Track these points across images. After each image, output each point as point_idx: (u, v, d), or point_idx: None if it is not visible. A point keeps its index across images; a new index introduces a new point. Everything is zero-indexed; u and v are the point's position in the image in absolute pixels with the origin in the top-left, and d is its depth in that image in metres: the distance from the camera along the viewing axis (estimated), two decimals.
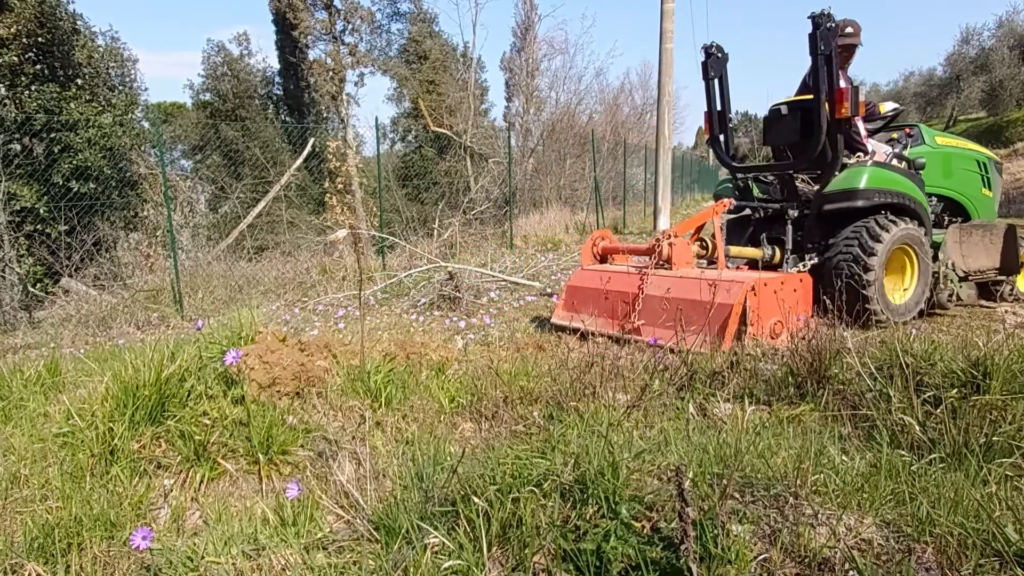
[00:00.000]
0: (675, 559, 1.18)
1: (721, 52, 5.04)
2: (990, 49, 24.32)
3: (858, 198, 4.27)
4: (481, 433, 2.26)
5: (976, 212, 5.15)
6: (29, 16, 10.00)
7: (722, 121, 5.16)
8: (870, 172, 4.31)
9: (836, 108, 4.19)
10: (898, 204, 4.36)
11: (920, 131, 5.03)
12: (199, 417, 2.09)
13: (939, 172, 4.94)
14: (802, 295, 3.95)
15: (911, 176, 4.54)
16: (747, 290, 3.55)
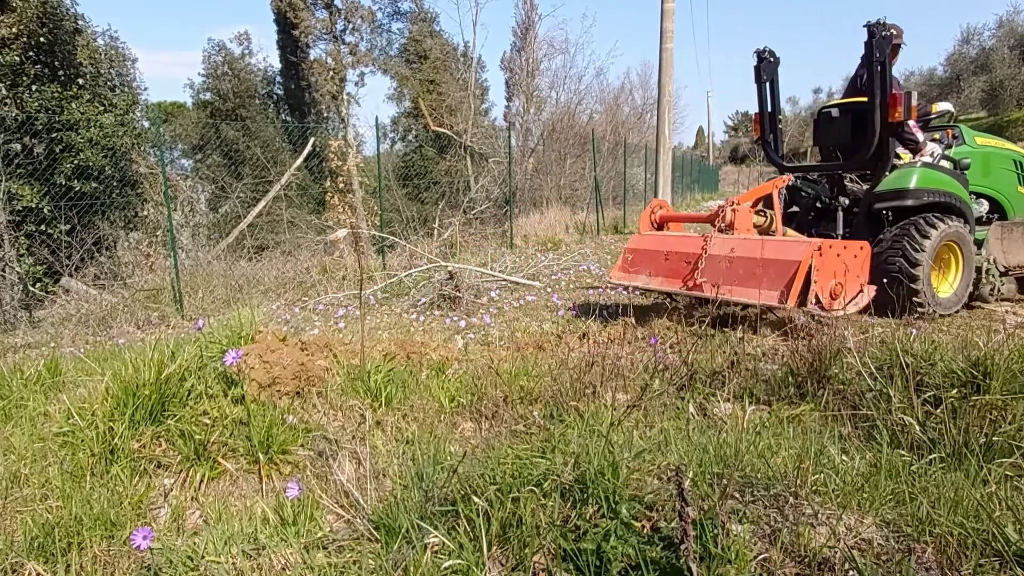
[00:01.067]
0: (675, 559, 1.18)
1: (773, 56, 5.24)
2: (990, 49, 24.29)
3: (908, 197, 4.48)
4: (481, 433, 2.26)
5: (1012, 209, 5.31)
6: (31, 16, 10.00)
7: (772, 122, 5.38)
8: (920, 173, 4.51)
9: (890, 112, 4.37)
10: (945, 203, 4.53)
11: (962, 131, 5.22)
12: (199, 416, 2.09)
13: (979, 171, 5.11)
14: (861, 262, 4.07)
15: (957, 176, 4.72)
16: (814, 249, 3.73)
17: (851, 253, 4.00)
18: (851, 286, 3.96)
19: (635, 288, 4.68)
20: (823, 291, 3.75)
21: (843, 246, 3.96)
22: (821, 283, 3.75)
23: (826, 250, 3.79)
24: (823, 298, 3.74)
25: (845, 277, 3.91)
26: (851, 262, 4.00)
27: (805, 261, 3.67)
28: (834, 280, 3.83)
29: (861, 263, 4.08)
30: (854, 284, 4.01)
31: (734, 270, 3.95)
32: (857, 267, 4.03)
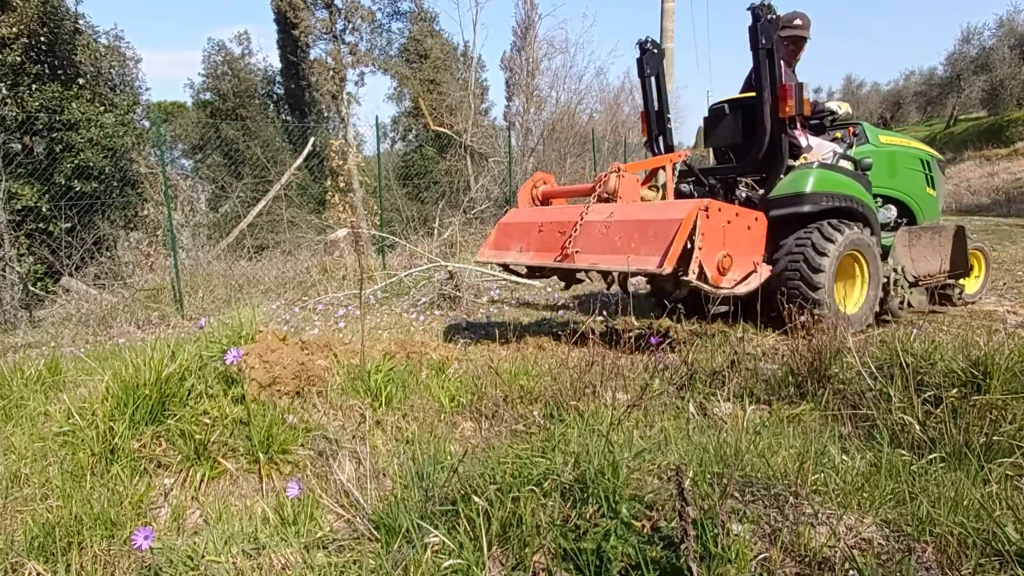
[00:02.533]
0: (675, 558, 1.18)
1: (657, 48, 4.79)
2: (991, 48, 24.29)
3: (805, 203, 4.00)
4: (481, 432, 2.26)
5: (921, 212, 4.95)
6: (31, 16, 10.00)
7: (660, 122, 4.87)
8: (816, 175, 4.07)
9: (779, 106, 3.94)
10: (846, 208, 4.12)
11: (864, 129, 4.81)
12: (199, 416, 2.09)
13: (884, 172, 4.73)
14: (755, 236, 3.60)
15: (858, 178, 4.32)
16: (700, 208, 3.19)
17: (743, 223, 3.51)
18: (742, 262, 3.45)
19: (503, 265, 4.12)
20: (709, 262, 3.21)
21: (735, 212, 3.45)
22: (707, 251, 3.20)
23: (714, 213, 3.28)
24: (708, 270, 3.21)
25: (735, 250, 3.40)
26: (743, 234, 3.49)
27: (688, 220, 3.13)
28: (723, 251, 3.30)
29: (755, 237, 3.59)
30: (745, 260, 3.49)
31: (610, 237, 3.41)
32: (749, 240, 3.53)
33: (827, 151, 4.36)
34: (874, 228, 4.29)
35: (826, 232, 3.89)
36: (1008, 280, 6.09)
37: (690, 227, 3.14)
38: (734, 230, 3.42)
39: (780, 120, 3.99)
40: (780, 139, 4.04)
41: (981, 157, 21.67)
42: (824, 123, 4.69)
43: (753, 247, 3.57)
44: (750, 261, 3.53)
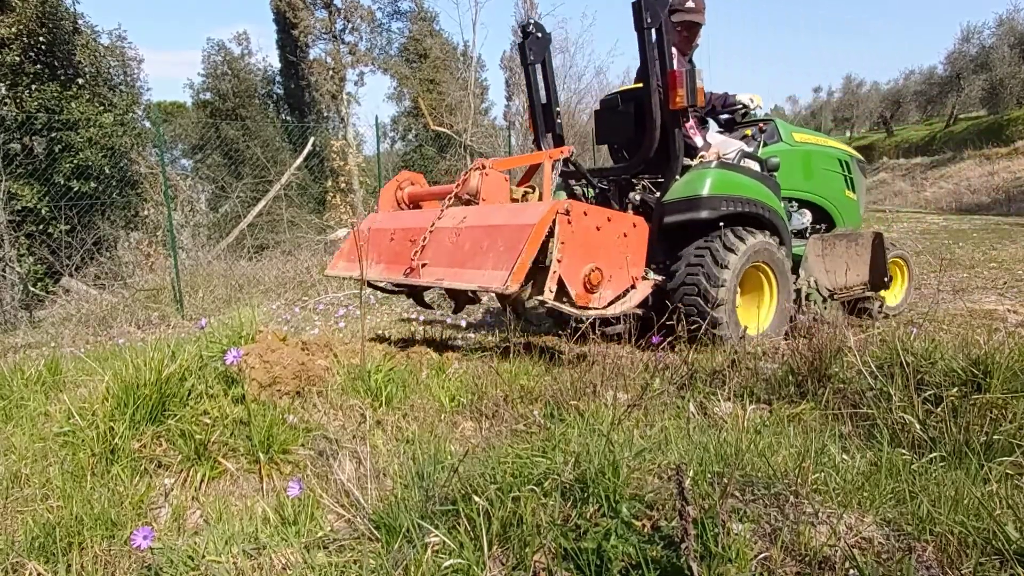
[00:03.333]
0: (676, 558, 1.18)
1: (542, 32, 4.18)
2: (991, 48, 24.28)
3: (702, 208, 3.49)
4: (482, 432, 2.26)
5: (840, 217, 4.55)
6: (30, 16, 10.00)
7: (547, 116, 4.26)
8: (715, 176, 3.57)
9: (669, 96, 3.43)
10: (751, 213, 3.65)
11: (776, 126, 4.37)
12: (200, 416, 2.09)
13: (799, 173, 4.31)
14: (633, 244, 3.08)
15: (764, 179, 3.86)
16: (559, 211, 2.66)
17: (617, 229, 2.98)
18: (616, 276, 2.92)
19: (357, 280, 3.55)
20: (572, 277, 2.70)
21: (605, 217, 2.94)
22: (569, 264, 2.69)
23: (578, 217, 2.74)
24: (572, 287, 2.70)
25: (608, 262, 2.87)
26: (617, 243, 2.96)
27: (541, 226, 2.60)
28: (590, 264, 2.76)
29: (633, 246, 3.07)
30: (621, 274, 2.95)
31: (460, 246, 2.86)
32: (626, 251, 3.00)
33: (730, 149, 3.92)
34: (783, 236, 3.85)
35: (727, 242, 3.46)
36: (1008, 279, 6.09)
37: (543, 234, 2.62)
38: (605, 238, 2.89)
39: (673, 113, 3.50)
40: (673, 134, 3.57)
41: (981, 156, 21.66)
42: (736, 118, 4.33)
43: (631, 259, 3.03)
44: (627, 275, 3.00)
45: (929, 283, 6.19)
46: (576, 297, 2.75)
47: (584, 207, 2.90)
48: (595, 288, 2.81)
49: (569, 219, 2.72)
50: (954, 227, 13.02)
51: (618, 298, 2.97)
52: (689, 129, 3.77)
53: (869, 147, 29.53)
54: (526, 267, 2.56)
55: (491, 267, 2.65)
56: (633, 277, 3.05)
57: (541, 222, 2.64)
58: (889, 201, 22.05)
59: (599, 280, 2.83)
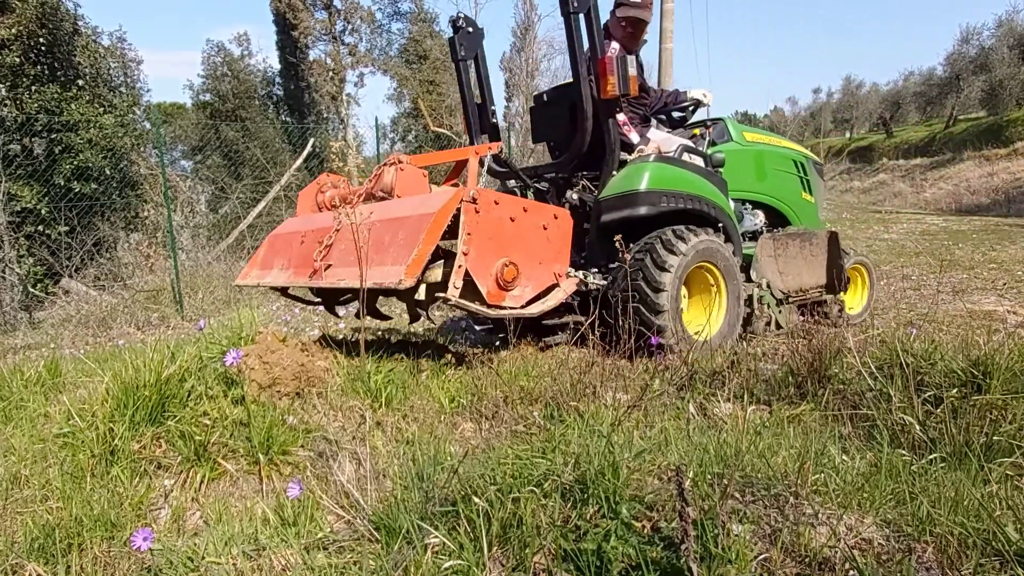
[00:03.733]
0: (675, 559, 1.18)
1: (473, 27, 3.93)
2: (990, 49, 24.31)
3: (639, 204, 3.28)
4: (481, 433, 2.26)
5: (797, 220, 4.40)
6: (30, 17, 10.01)
7: (482, 115, 4.04)
8: (653, 170, 3.33)
9: (600, 84, 3.22)
10: (695, 211, 3.45)
11: (725, 125, 4.22)
12: (199, 417, 2.09)
13: (752, 174, 4.14)
14: (556, 238, 2.80)
15: (708, 175, 3.65)
16: (464, 199, 2.43)
17: (535, 221, 2.70)
18: (535, 273, 2.67)
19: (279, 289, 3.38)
20: (481, 272, 2.46)
21: (522, 207, 2.68)
22: (477, 258, 2.45)
23: (487, 206, 2.50)
24: (482, 284, 2.47)
25: (525, 257, 2.63)
26: (536, 236, 2.69)
27: (443, 215, 2.36)
28: (503, 259, 2.52)
29: (555, 240, 2.79)
30: (541, 271, 2.71)
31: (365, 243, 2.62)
32: (547, 245, 2.74)
33: (672, 146, 3.69)
34: (731, 235, 3.63)
35: (668, 241, 3.22)
36: (1008, 280, 6.09)
37: (444, 223, 2.38)
38: (521, 231, 2.63)
39: (606, 103, 3.28)
40: (607, 126, 3.36)
41: (980, 157, 21.69)
42: (688, 116, 4.16)
43: (552, 253, 2.77)
44: (548, 272, 2.74)
45: (929, 284, 6.19)
46: (487, 295, 2.49)
47: (496, 195, 2.64)
48: (509, 285, 2.54)
49: (477, 208, 2.46)
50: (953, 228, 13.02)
51: (538, 297, 2.70)
52: (624, 125, 3.57)
53: (869, 148, 29.56)
54: (423, 260, 2.31)
55: (389, 263, 2.42)
56: (556, 274, 2.78)
57: (442, 210, 2.38)
58: (889, 202, 22.06)
59: (514, 276, 2.55)
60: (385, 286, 2.37)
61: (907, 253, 9.33)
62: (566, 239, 2.90)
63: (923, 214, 17.71)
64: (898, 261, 8.37)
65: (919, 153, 25.63)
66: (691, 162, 3.66)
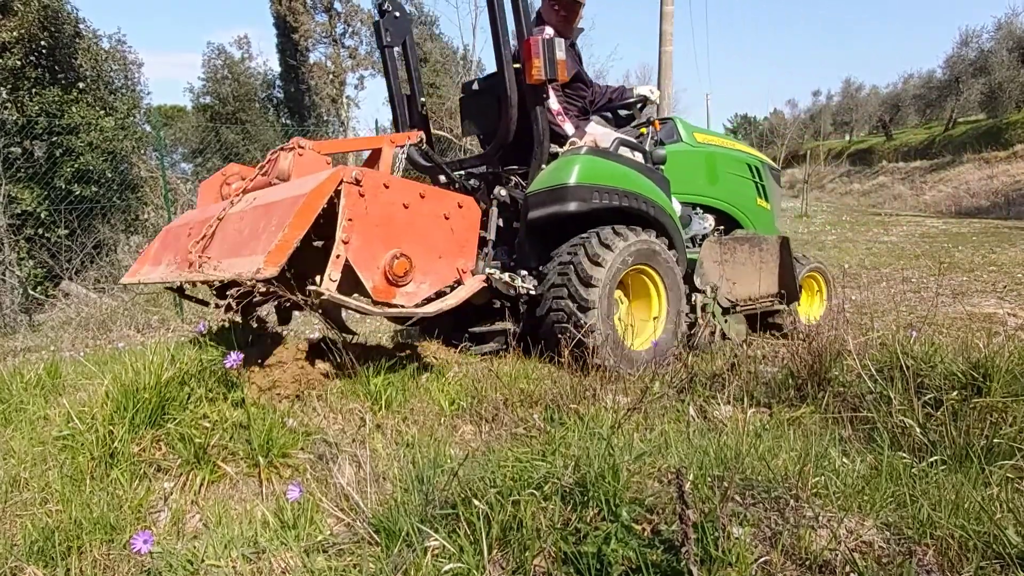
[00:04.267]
0: (676, 562, 1.18)
1: (400, 11, 3.65)
2: (989, 51, 24.35)
3: (568, 199, 3.02)
4: (481, 435, 2.26)
5: (752, 226, 4.21)
6: (32, 20, 10.02)
7: (411, 108, 3.73)
8: (584, 163, 3.08)
9: (525, 68, 2.97)
10: (633, 210, 3.20)
11: (675, 125, 4.01)
12: (199, 420, 2.09)
13: (703, 176, 3.95)
14: (460, 230, 2.51)
15: (648, 172, 3.41)
16: (345, 179, 2.16)
17: (435, 209, 2.42)
18: (435, 267, 2.41)
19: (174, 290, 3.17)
20: (365, 264, 2.19)
21: (418, 192, 2.38)
22: (361, 248, 2.18)
23: (374, 189, 2.22)
24: (366, 277, 2.20)
25: (421, 249, 2.36)
26: (436, 227, 2.42)
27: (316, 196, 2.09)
28: (394, 250, 2.25)
29: (459, 231, 2.50)
30: (441, 265, 2.44)
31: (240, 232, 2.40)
32: (449, 237, 2.46)
33: (609, 140, 3.42)
34: (673, 238, 3.40)
35: (605, 238, 3.01)
36: (1008, 282, 6.10)
37: (317, 207, 2.10)
38: (417, 219, 2.35)
39: (533, 90, 3.03)
40: (535, 115, 3.09)
41: (980, 160, 21.71)
42: (635, 114, 3.90)
43: (456, 247, 2.50)
44: (450, 267, 2.47)
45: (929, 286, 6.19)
46: (374, 291, 2.23)
47: (388, 178, 2.37)
48: (401, 280, 2.28)
49: (361, 190, 2.18)
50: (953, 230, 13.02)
51: (440, 295, 2.46)
52: (557, 115, 3.34)
53: (868, 151, 29.58)
54: (288, 248, 2.01)
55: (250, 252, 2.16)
56: (459, 270, 2.49)
57: (315, 191, 2.10)
58: (888, 204, 22.07)
59: (406, 270, 2.28)
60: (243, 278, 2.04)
61: (907, 256, 9.33)
62: (472, 231, 2.58)
63: (923, 216, 17.72)
64: (898, 264, 8.37)
65: (919, 156, 25.66)
66: (628, 157, 3.42)
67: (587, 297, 2.90)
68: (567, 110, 3.52)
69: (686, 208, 3.89)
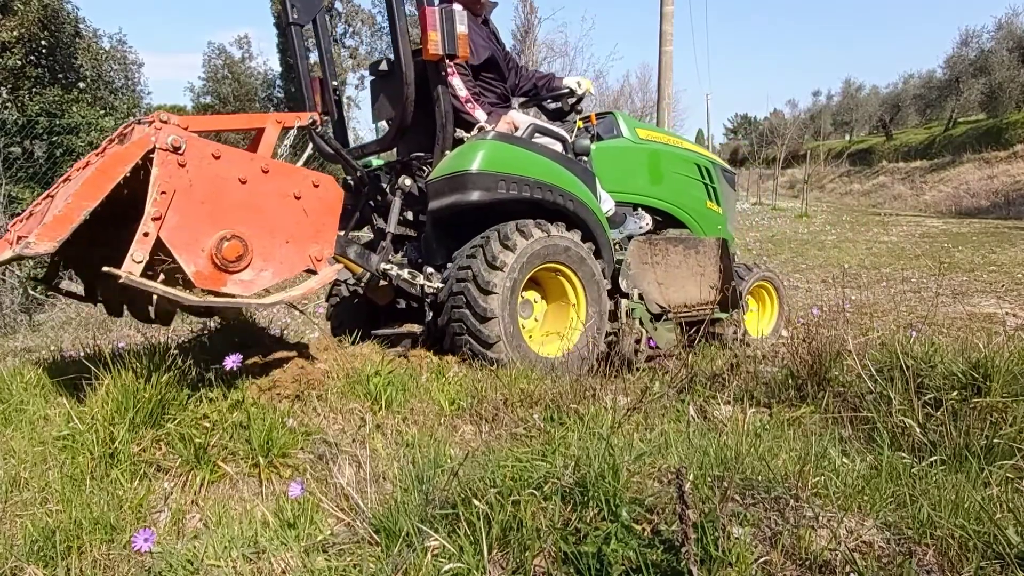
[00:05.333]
0: (676, 562, 1.18)
1: None
2: (989, 51, 24.35)
3: (470, 187, 2.75)
4: (481, 435, 2.26)
5: (701, 231, 3.96)
6: (32, 19, 10.03)
7: (324, 92, 3.41)
8: (489, 148, 2.82)
9: (422, 42, 2.72)
10: (546, 202, 2.94)
11: (615, 119, 3.74)
12: (199, 420, 2.09)
13: (643, 174, 3.69)
14: (315, 212, 2.22)
15: (567, 163, 3.12)
16: (159, 147, 1.89)
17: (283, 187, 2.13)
18: (279, 254, 2.12)
19: None
20: (185, 244, 1.92)
21: (260, 167, 2.08)
22: (180, 225, 1.91)
23: (198, 158, 1.96)
24: (186, 260, 1.92)
25: (261, 230, 2.07)
26: (281, 207, 2.12)
27: (114, 163, 1.84)
28: (223, 231, 1.98)
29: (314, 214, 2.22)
30: (289, 252, 2.15)
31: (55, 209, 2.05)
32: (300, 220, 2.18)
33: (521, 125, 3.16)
34: (597, 236, 3.13)
35: (505, 238, 2.73)
36: (1008, 282, 6.10)
37: (114, 175, 1.83)
38: (258, 198, 2.07)
39: (434, 68, 2.80)
40: (436, 95, 2.84)
41: (980, 160, 21.72)
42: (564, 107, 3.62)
43: (309, 231, 2.21)
44: (300, 253, 2.18)
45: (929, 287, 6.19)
46: (196, 276, 1.94)
47: (216, 147, 2.03)
48: (233, 266, 1.99)
49: (181, 160, 1.90)
50: (953, 230, 13.03)
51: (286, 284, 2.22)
52: (466, 103, 3.05)
53: (868, 151, 29.59)
54: (68, 221, 1.74)
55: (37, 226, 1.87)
56: (312, 257, 2.20)
57: (113, 157, 1.83)
58: (888, 204, 22.07)
59: (239, 254, 1.99)
60: (21, 254, 1.80)
61: (907, 256, 9.33)
62: (330, 214, 2.28)
63: (923, 216, 17.72)
64: (898, 264, 8.38)
65: (919, 156, 25.67)
66: (544, 146, 3.12)
67: (486, 306, 2.66)
68: (479, 96, 3.22)
69: (625, 207, 3.65)
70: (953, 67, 26.15)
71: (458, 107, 3.02)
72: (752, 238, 12.60)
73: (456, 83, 3.00)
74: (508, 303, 2.70)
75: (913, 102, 30.43)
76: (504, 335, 2.69)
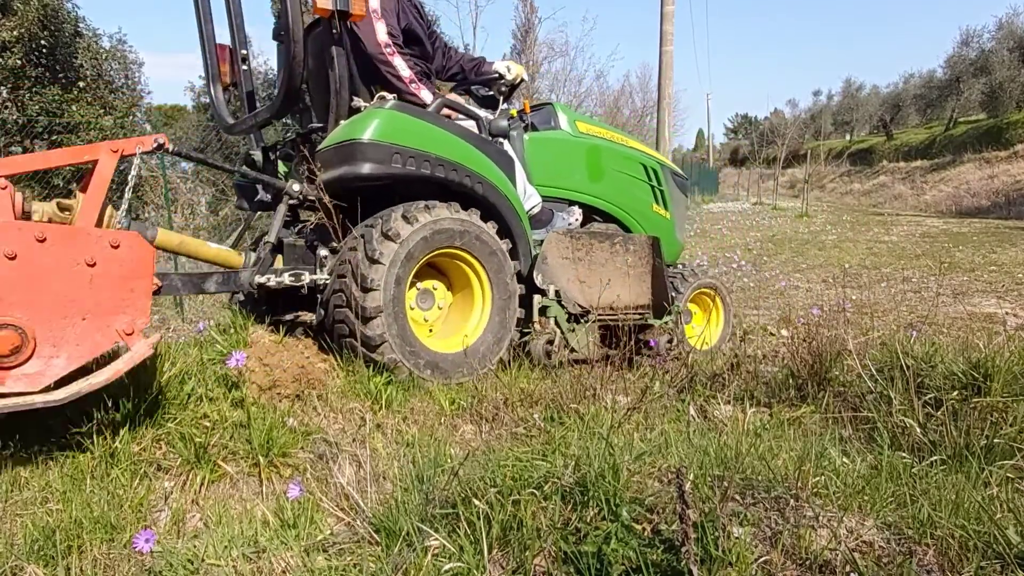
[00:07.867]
0: (676, 561, 1.18)
1: None
2: (990, 51, 24.34)
3: (360, 159, 2.48)
4: (482, 435, 2.26)
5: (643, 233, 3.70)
6: (32, 19, 10.03)
7: (232, 64, 3.11)
8: (384, 117, 2.56)
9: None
10: (451, 182, 2.69)
11: (554, 110, 3.51)
12: (200, 420, 2.09)
13: (580, 170, 3.44)
14: (116, 279, 1.82)
15: (480, 143, 2.87)
16: None
17: (68, 256, 1.74)
18: (74, 336, 1.76)
19: None
20: None
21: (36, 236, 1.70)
22: None
23: None
24: None
25: (44, 315, 1.72)
26: (69, 280, 1.74)
27: None
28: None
29: (115, 281, 1.81)
30: (86, 331, 1.78)
31: None
32: (98, 289, 1.79)
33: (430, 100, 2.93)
34: (510, 223, 2.89)
35: (389, 227, 2.47)
36: (1008, 282, 6.10)
37: None
38: (37, 274, 1.71)
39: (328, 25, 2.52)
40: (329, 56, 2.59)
41: (981, 160, 21.72)
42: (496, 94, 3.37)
43: (112, 302, 1.82)
44: (104, 329, 1.81)
45: (929, 286, 6.20)
46: None
47: None
48: (7, 360, 1.67)
49: None
50: (954, 230, 13.03)
51: (84, 370, 1.80)
52: (410, 83, 2.80)
53: (869, 150, 29.59)
54: None
55: None
56: (121, 331, 1.83)
57: None
58: (889, 204, 22.08)
59: (15, 345, 1.67)
60: None
61: (907, 255, 9.33)
62: (140, 277, 1.87)
63: (923, 216, 17.73)
64: (898, 263, 8.38)
65: (919, 155, 25.67)
66: (453, 122, 2.89)
67: (367, 305, 2.41)
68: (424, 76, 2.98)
69: (557, 203, 3.43)
70: (954, 67, 26.14)
71: (402, 88, 2.80)
72: (752, 238, 12.60)
73: (398, 63, 2.77)
74: (393, 300, 2.46)
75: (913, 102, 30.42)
76: (390, 336, 2.45)
